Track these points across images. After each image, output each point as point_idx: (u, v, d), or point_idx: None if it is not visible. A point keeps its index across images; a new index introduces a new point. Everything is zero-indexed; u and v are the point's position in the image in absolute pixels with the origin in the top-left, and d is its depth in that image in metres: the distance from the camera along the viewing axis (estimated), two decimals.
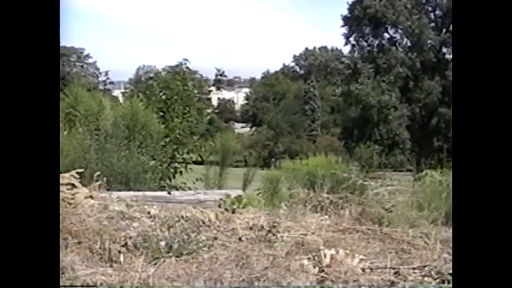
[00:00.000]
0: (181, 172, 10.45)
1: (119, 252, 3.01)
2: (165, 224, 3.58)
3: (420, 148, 38.64)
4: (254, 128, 54.37)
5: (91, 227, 3.24)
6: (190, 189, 9.08)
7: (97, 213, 3.59)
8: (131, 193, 4.78)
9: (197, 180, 9.93)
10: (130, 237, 3.20)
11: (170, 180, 9.88)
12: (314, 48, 66.82)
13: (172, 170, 10.25)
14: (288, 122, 50.15)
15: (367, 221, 4.69)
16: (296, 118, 51.20)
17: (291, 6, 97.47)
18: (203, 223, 3.82)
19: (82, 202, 3.67)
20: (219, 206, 4.81)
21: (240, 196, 5.17)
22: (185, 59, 12.55)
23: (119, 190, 5.29)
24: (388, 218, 4.78)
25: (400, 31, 41.60)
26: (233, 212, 4.58)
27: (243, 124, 62.42)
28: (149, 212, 3.85)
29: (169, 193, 5.19)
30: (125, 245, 3.12)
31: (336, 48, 65.06)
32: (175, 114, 10.96)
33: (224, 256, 3.23)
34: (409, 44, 41.57)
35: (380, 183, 5.86)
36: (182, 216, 3.85)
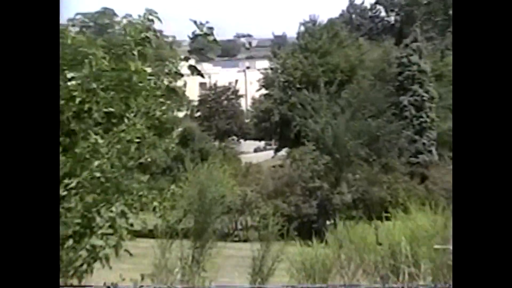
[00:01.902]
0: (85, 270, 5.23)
1: None
2: None
3: None
4: (284, 149, 32.35)
5: None
6: None
7: None
8: None
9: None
10: None
11: None
12: None
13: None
14: (362, 133, 27.54)
15: None
16: (380, 123, 28.48)
17: None
18: None
19: None
20: None
21: None
22: (149, 9, 6.85)
23: None
24: None
25: None
26: None
27: (261, 143, 38.83)
28: None
29: None
30: None
31: None
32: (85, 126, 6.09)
33: None
34: None
35: None
36: None
